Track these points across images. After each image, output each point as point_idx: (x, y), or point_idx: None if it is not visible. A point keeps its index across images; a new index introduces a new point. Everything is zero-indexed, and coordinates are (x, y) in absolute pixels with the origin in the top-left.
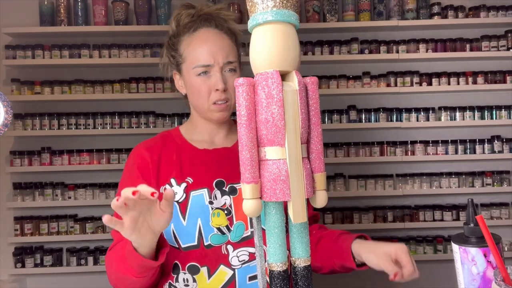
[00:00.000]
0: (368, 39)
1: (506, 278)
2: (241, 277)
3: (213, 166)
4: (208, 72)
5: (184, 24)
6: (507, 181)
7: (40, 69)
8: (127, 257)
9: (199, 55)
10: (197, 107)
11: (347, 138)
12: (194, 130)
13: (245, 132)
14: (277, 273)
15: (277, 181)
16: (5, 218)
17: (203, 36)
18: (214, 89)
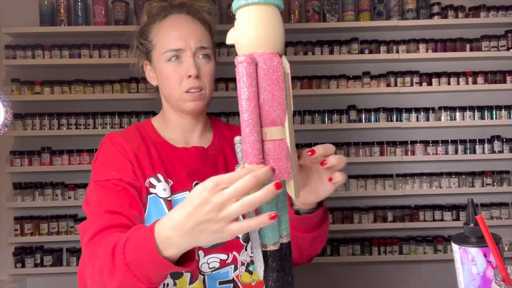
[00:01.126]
0: (368, 39)
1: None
2: (210, 282)
3: (192, 166)
4: (179, 57)
5: (155, 12)
6: (507, 181)
7: (40, 69)
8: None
9: (170, 39)
10: (168, 97)
11: (347, 138)
12: (167, 126)
13: (249, 111)
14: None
15: (281, 161)
16: (5, 218)
17: (174, 21)
18: (186, 76)
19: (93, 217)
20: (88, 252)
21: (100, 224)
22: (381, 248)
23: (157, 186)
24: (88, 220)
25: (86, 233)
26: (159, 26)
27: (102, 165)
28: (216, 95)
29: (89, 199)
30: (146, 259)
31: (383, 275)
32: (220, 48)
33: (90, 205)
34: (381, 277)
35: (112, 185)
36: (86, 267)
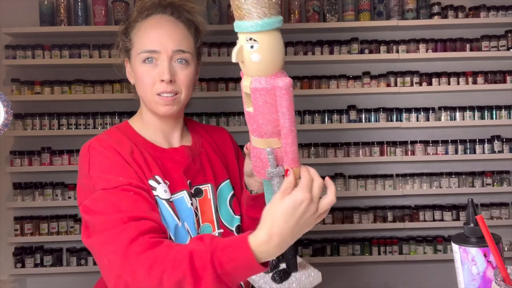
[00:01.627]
0: (368, 39)
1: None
2: None
3: (184, 165)
4: (154, 60)
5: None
6: (507, 181)
7: (40, 69)
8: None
9: (146, 40)
10: (142, 98)
11: (347, 138)
12: (147, 128)
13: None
14: None
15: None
16: (5, 218)
17: (155, 21)
18: (159, 80)
19: (112, 227)
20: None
21: (130, 234)
22: (381, 248)
23: (157, 188)
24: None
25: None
26: (139, 25)
27: (103, 172)
28: (216, 95)
29: (96, 209)
30: (242, 269)
31: (383, 275)
32: (220, 48)
33: (98, 214)
34: (381, 277)
35: (123, 191)
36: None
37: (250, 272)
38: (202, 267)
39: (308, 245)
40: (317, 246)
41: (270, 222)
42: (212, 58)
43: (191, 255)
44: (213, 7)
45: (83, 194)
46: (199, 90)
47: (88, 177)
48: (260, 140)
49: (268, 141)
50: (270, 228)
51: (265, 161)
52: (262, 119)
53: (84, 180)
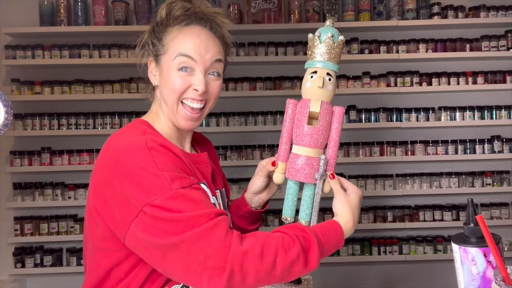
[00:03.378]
0: (368, 39)
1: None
2: None
3: (209, 169)
4: (189, 69)
5: (176, 15)
6: (507, 181)
7: (40, 69)
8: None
9: (184, 47)
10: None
11: (347, 138)
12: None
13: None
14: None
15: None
16: (5, 218)
17: (195, 32)
18: (193, 88)
19: (205, 222)
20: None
21: (222, 228)
22: (381, 248)
23: (207, 192)
24: (201, 227)
25: (211, 239)
26: (177, 32)
27: (175, 171)
28: None
29: (181, 206)
30: (335, 246)
31: (383, 275)
32: None
33: (187, 211)
34: (381, 277)
35: (195, 190)
36: (255, 263)
37: (336, 249)
38: (308, 248)
39: None
40: None
41: (350, 211)
42: None
43: (298, 239)
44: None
45: (149, 193)
46: None
47: (159, 177)
48: (315, 151)
49: (319, 152)
50: (352, 215)
51: (316, 167)
52: (323, 133)
53: (151, 179)
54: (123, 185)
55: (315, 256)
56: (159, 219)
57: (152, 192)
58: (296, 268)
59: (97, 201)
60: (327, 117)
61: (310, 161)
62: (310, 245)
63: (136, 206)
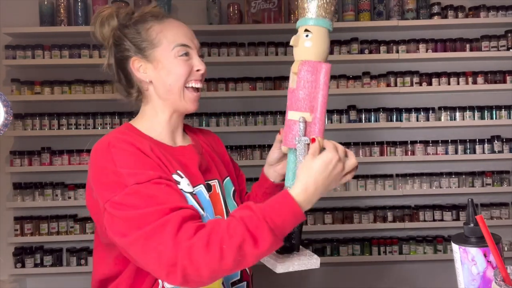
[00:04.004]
0: (368, 39)
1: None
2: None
3: (195, 161)
4: (188, 53)
5: (142, 14)
6: (507, 181)
7: (40, 69)
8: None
9: (177, 36)
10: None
11: (347, 138)
12: (155, 128)
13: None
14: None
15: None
16: (5, 218)
17: (175, 22)
18: (195, 69)
19: (155, 218)
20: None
21: (175, 223)
22: (381, 248)
23: (181, 182)
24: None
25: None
26: (160, 26)
27: (132, 168)
28: (216, 95)
29: (133, 204)
30: (290, 219)
31: (383, 275)
32: (220, 48)
33: (140, 208)
34: (381, 277)
35: (155, 184)
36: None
37: (296, 221)
38: (256, 227)
39: (308, 245)
40: (317, 246)
41: (306, 175)
42: (212, 58)
43: (243, 220)
44: (213, 7)
45: (110, 191)
46: None
47: (117, 174)
48: (296, 113)
49: (302, 114)
50: (306, 179)
51: (295, 131)
52: (303, 94)
53: (110, 177)
54: (93, 185)
55: (264, 233)
56: (116, 218)
57: (111, 189)
58: (247, 250)
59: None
60: (307, 77)
61: (289, 124)
62: (257, 224)
63: (101, 204)
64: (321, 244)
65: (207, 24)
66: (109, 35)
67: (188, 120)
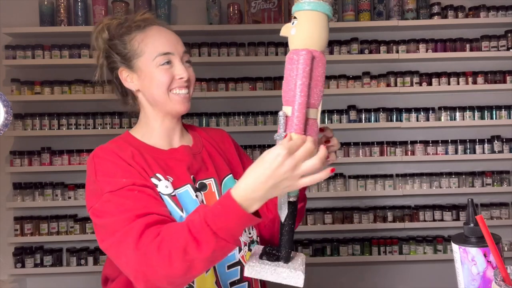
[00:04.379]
0: (368, 39)
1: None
2: (220, 266)
3: (185, 162)
4: (170, 62)
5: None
6: (507, 181)
7: (40, 69)
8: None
9: (159, 45)
10: (156, 100)
11: (347, 138)
12: (151, 134)
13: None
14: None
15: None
16: (5, 218)
17: (157, 30)
18: (178, 78)
19: (121, 226)
20: (148, 249)
21: (138, 229)
22: (381, 248)
23: (159, 184)
24: (118, 233)
25: (126, 243)
26: (142, 35)
27: (108, 177)
28: (216, 95)
29: (105, 211)
30: (233, 221)
31: (383, 275)
32: (220, 48)
33: (108, 216)
34: (381, 277)
35: (128, 191)
36: (155, 260)
37: (241, 222)
38: (198, 230)
39: (308, 245)
40: (317, 246)
41: (252, 172)
42: (212, 58)
43: (188, 224)
44: (213, 7)
45: (92, 199)
46: (199, 90)
47: (96, 183)
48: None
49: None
50: (250, 176)
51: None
52: (285, 86)
53: (92, 186)
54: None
55: (206, 236)
56: (96, 224)
57: (93, 198)
58: (192, 254)
59: None
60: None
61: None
62: (199, 228)
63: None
64: (321, 244)
65: (207, 24)
66: (102, 48)
67: (188, 120)
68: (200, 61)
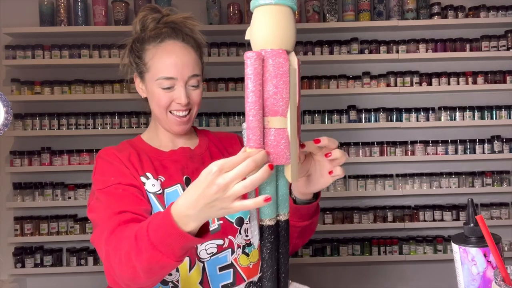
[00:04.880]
0: (368, 39)
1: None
2: (211, 268)
3: (180, 163)
4: (171, 87)
5: (150, 29)
6: (507, 181)
7: (40, 69)
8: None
9: (163, 67)
10: (156, 116)
11: (347, 138)
12: (156, 137)
13: (253, 102)
14: (269, 226)
15: (279, 147)
16: (5, 218)
17: (170, 48)
18: (176, 102)
19: (102, 222)
20: (110, 247)
21: (112, 225)
22: (381, 248)
23: (146, 183)
24: (99, 227)
25: (102, 238)
26: (154, 50)
27: (101, 176)
28: (216, 95)
29: (94, 207)
30: (168, 235)
31: (383, 275)
32: (220, 48)
33: (95, 211)
34: (381, 277)
35: (113, 190)
36: (113, 259)
37: (176, 238)
38: (141, 238)
39: (308, 245)
40: (317, 246)
41: (187, 188)
42: (212, 58)
43: (136, 230)
44: (213, 7)
45: (90, 197)
46: None
47: (93, 181)
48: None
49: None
50: (185, 192)
51: None
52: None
53: (92, 185)
54: None
55: (145, 245)
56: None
57: (90, 195)
58: (135, 261)
59: None
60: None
61: None
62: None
63: None
64: (321, 244)
65: (207, 24)
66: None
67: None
68: None
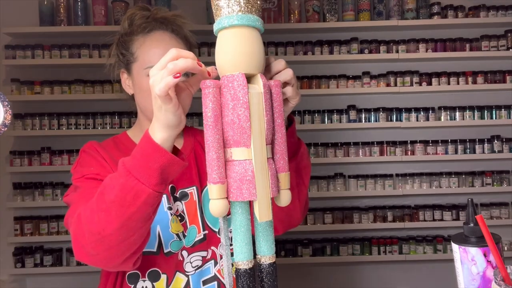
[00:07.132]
0: (368, 39)
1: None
2: (195, 282)
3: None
4: None
5: (138, 24)
6: (507, 181)
7: (40, 69)
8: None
9: (152, 55)
10: (144, 108)
11: (347, 138)
12: (141, 133)
13: (211, 134)
14: (243, 271)
15: (243, 181)
16: (5, 218)
17: (159, 37)
18: None
19: (77, 201)
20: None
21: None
22: (381, 248)
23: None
24: (73, 205)
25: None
26: (142, 39)
27: (81, 167)
28: None
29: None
30: (144, 155)
31: (383, 275)
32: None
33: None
34: (381, 277)
35: (87, 179)
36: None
37: (154, 156)
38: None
39: (308, 245)
40: (317, 246)
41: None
42: (212, 58)
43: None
44: None
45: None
46: (199, 90)
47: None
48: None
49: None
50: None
51: None
52: None
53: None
54: None
55: (119, 173)
56: None
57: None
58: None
59: None
60: None
61: None
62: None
63: None
64: (321, 244)
65: (207, 24)
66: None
67: (188, 120)
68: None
